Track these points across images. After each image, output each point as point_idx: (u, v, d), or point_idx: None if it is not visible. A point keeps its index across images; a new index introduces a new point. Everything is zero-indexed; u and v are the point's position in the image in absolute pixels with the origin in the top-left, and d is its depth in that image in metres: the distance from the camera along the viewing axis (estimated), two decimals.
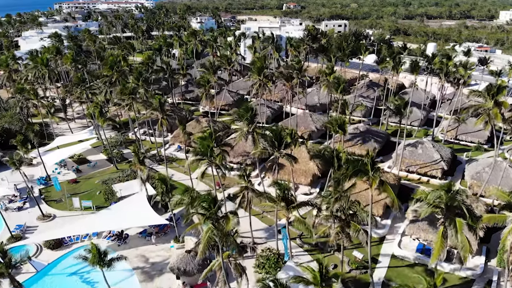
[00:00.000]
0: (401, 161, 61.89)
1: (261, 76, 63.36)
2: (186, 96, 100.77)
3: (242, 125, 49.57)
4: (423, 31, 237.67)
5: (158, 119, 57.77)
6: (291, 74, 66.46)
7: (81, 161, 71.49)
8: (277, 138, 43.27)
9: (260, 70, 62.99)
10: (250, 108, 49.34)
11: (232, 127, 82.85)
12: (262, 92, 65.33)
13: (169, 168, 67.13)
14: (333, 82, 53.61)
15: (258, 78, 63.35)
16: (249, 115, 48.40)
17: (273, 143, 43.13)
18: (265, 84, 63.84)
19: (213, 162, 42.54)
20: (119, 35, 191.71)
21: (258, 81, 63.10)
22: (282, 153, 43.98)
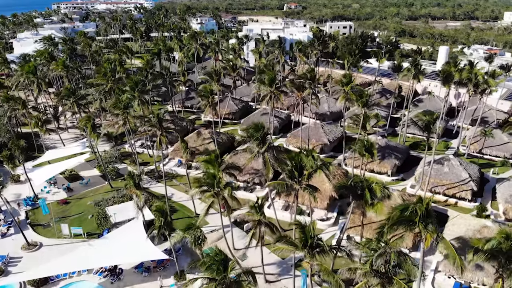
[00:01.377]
0: (426, 180, 55.88)
1: (273, 88, 57.33)
2: (186, 103, 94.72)
3: (253, 145, 43.60)
4: (429, 32, 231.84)
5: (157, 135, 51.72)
6: (303, 83, 60.53)
7: (73, 178, 65.46)
8: (298, 167, 37.12)
9: (271, 81, 56.99)
10: (261, 126, 43.35)
11: (236, 137, 77.30)
12: (273, 105, 59.25)
13: (169, 186, 61.14)
14: (355, 95, 47.65)
15: (269, 90, 57.36)
16: (260, 134, 42.41)
17: (292, 173, 36.88)
18: (277, 97, 57.91)
19: (220, 194, 36.48)
20: (117, 36, 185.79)
21: (269, 93, 57.15)
22: (303, 185, 37.82)
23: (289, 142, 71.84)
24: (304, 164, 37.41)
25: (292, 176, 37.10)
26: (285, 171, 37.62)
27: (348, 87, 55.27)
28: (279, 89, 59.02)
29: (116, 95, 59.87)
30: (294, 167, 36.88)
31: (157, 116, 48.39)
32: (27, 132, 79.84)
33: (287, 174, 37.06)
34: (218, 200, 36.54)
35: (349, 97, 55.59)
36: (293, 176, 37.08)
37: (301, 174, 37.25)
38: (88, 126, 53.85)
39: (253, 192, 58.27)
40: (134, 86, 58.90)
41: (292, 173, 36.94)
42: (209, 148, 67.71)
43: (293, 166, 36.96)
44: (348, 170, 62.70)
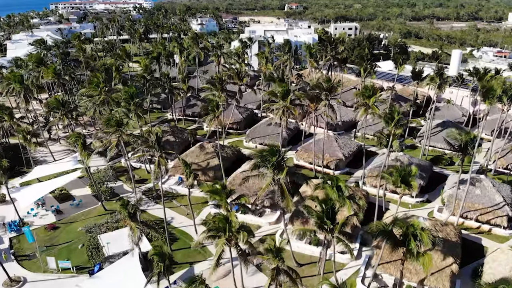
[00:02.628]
0: (458, 205, 50.00)
1: (287, 102, 51.24)
2: (187, 111, 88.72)
3: (267, 171, 37.66)
4: (436, 34, 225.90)
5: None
6: (318, 95, 54.64)
7: (63, 197, 59.44)
8: (330, 214, 30.67)
9: (285, 95, 50.93)
10: (276, 150, 37.42)
11: (241, 150, 71.38)
12: (286, 121, 53.17)
13: (168, 208, 55.23)
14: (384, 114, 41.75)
15: (282, 105, 51.22)
16: (276, 159, 36.50)
17: (323, 221, 30.32)
18: (291, 111, 51.87)
19: (233, 239, 30.43)
20: (115, 37, 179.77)
21: (282, 107, 51.06)
22: (336, 236, 31.45)
23: (299, 156, 65.92)
24: (337, 209, 31.14)
25: (322, 225, 30.67)
26: (312, 217, 31.47)
27: (371, 100, 49.31)
28: (293, 102, 52.96)
29: (110, 107, 54.08)
30: (326, 214, 30.66)
31: (155, 135, 42.51)
32: (15, 144, 73.86)
33: (316, 223, 30.84)
34: (230, 248, 30.53)
35: (373, 112, 49.72)
36: (323, 225, 30.63)
37: (334, 221, 30.89)
38: (79, 144, 47.91)
39: (262, 217, 52.40)
40: (130, 99, 52.90)
41: (322, 221, 30.62)
42: (212, 163, 61.85)
43: (325, 213, 30.67)
44: (368, 190, 56.89)
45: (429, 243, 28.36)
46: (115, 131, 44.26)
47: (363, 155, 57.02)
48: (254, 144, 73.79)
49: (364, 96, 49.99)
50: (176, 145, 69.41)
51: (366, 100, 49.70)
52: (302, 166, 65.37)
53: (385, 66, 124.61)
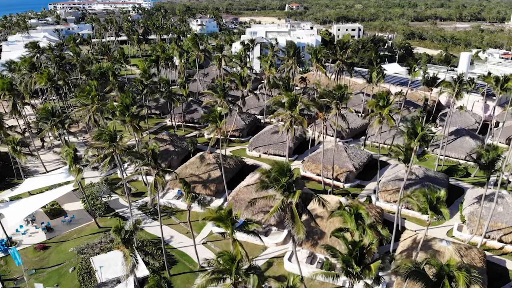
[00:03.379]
0: (481, 224, 46.22)
1: (295, 112, 47.26)
2: (187, 117, 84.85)
3: (276, 193, 33.84)
4: (440, 35, 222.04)
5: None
6: (328, 104, 50.80)
7: (54, 213, 55.56)
8: (357, 257, 26.34)
9: (292, 104, 46.96)
10: (287, 169, 33.56)
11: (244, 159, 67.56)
12: (293, 133, 49.13)
13: (166, 225, 51.47)
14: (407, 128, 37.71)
15: (289, 115, 47.18)
16: (286, 180, 32.66)
17: (349, 265, 25.98)
18: (300, 122, 47.88)
19: (240, 283, 26.42)
20: (114, 38, 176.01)
21: (289, 118, 47.07)
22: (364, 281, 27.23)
23: (306, 168, 62.06)
24: (366, 250, 27.02)
25: (348, 271, 26.35)
26: (338, 258, 27.40)
27: (385, 111, 45.44)
28: (302, 113, 49.00)
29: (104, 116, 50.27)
30: (354, 257, 26.53)
31: (151, 152, 38.68)
32: (5, 152, 69.97)
33: (343, 268, 26.74)
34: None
35: (387, 123, 45.89)
36: (349, 270, 26.31)
37: (361, 263, 26.61)
38: (69, 159, 44.00)
39: (268, 236, 48.54)
40: (125, 110, 49.02)
41: (348, 265, 26.35)
42: (214, 175, 57.99)
43: (352, 255, 26.46)
44: (382, 205, 53.10)
45: (464, 284, 24.57)
46: (110, 147, 40.36)
47: (378, 168, 53.07)
48: (257, 152, 69.97)
49: (378, 105, 46.10)
50: (175, 155, 65.64)
51: (380, 110, 45.82)
52: (309, 178, 61.57)
53: (391, 69, 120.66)
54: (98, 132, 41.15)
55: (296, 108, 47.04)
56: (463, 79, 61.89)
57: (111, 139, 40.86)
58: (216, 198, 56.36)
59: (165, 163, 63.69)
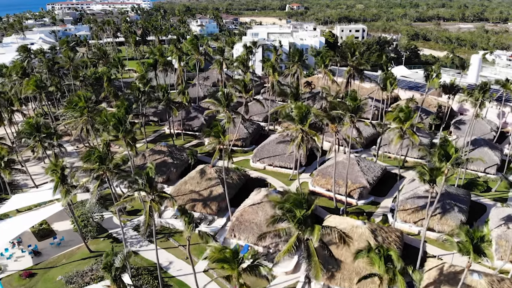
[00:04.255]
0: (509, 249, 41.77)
1: (305, 126, 42.54)
2: (187, 124, 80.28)
3: (291, 227, 29.37)
4: (445, 36, 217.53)
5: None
6: (341, 116, 46.23)
7: (43, 234, 51.11)
8: None
9: (303, 117, 42.20)
10: (303, 198, 29.08)
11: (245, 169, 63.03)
12: (305, 149, 44.35)
13: (164, 249, 46.98)
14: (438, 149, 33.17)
15: (300, 129, 42.46)
16: (303, 214, 28.16)
17: None
18: (312, 137, 43.16)
19: None
20: (111, 40, 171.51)
21: (300, 133, 42.36)
22: None
23: (315, 182, 57.54)
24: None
25: None
26: None
27: (407, 125, 40.85)
28: (313, 126, 44.23)
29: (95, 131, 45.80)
30: None
31: (146, 175, 34.17)
32: None
33: None
34: None
35: (410, 138, 41.41)
36: None
37: None
38: (55, 179, 39.48)
39: None
40: (118, 125, 44.42)
41: None
42: (216, 192, 53.44)
43: None
44: (400, 226, 48.59)
45: None
46: (99, 169, 35.76)
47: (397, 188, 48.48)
48: (262, 164, 65.48)
49: (399, 119, 41.53)
50: (174, 167, 61.15)
51: (401, 125, 41.29)
52: (318, 193, 57.05)
53: (398, 72, 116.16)
54: (87, 154, 36.56)
55: (307, 122, 42.40)
56: (488, 88, 57.04)
57: (101, 160, 36.31)
58: (218, 217, 51.84)
59: (163, 177, 59.36)
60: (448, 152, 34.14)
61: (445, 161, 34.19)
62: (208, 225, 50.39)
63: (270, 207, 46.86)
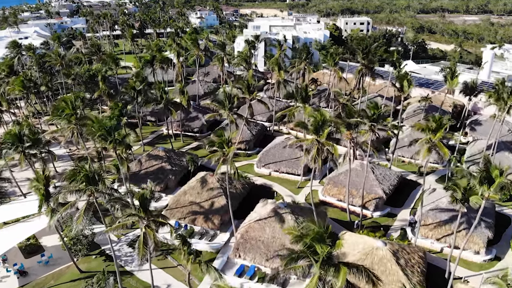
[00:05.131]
0: None
1: (322, 137, 37.69)
2: (186, 125, 75.68)
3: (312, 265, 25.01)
4: (451, 29, 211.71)
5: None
6: (358, 123, 41.45)
7: (30, 250, 46.84)
8: None
9: (320, 126, 37.33)
10: (324, 233, 24.67)
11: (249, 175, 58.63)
12: (321, 163, 39.40)
13: (162, 269, 42.71)
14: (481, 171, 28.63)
15: (315, 140, 37.66)
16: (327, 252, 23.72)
17: None
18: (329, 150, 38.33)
19: None
20: (108, 33, 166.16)
21: (316, 144, 37.58)
22: None
23: (327, 192, 53.12)
24: None
25: None
26: None
27: (437, 136, 36.27)
28: (331, 137, 39.31)
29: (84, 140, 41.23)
30: None
31: (139, 198, 29.69)
32: None
33: None
34: None
35: (439, 151, 36.94)
36: None
37: None
38: (39, 196, 34.98)
39: (286, 286, 39.68)
40: (107, 135, 39.55)
41: None
42: (218, 203, 49.02)
43: None
44: (421, 243, 44.29)
45: None
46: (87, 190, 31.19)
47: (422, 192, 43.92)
48: (267, 170, 61.04)
49: (428, 129, 36.90)
50: (173, 174, 56.68)
51: (430, 136, 36.71)
52: (329, 203, 52.72)
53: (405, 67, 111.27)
54: (71, 173, 31.92)
55: (324, 132, 37.68)
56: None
57: (89, 180, 31.66)
58: (221, 231, 47.46)
59: (160, 185, 54.95)
60: (491, 175, 29.66)
61: (486, 185, 29.74)
62: (210, 241, 46.15)
63: (279, 223, 42.61)
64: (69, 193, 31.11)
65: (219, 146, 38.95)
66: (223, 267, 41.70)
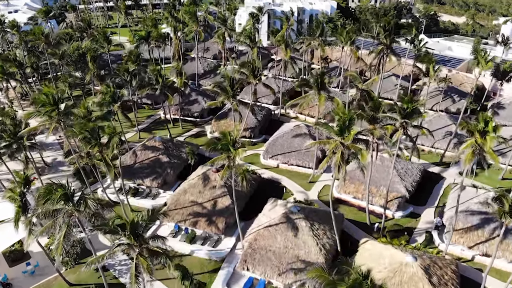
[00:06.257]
0: None
1: (347, 140, 31.56)
2: (186, 109, 69.75)
3: None
4: (462, 0, 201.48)
5: None
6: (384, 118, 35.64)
7: (15, 257, 42.13)
8: None
9: (344, 128, 31.30)
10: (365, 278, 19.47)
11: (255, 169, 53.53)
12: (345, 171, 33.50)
13: (159, 280, 38.01)
14: None
15: (339, 143, 31.69)
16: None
17: None
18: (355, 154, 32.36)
19: None
20: (102, 5, 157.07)
21: (339, 147, 31.66)
22: None
23: (342, 189, 47.87)
24: None
25: None
26: None
27: (489, 143, 30.16)
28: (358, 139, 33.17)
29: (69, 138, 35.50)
30: None
31: (130, 224, 24.51)
32: None
33: None
34: None
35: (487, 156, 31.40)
36: None
37: None
38: (15, 208, 29.66)
39: None
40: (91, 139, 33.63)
41: None
42: (221, 204, 43.97)
43: None
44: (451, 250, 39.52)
45: None
46: (64, 212, 25.64)
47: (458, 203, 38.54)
48: (275, 161, 55.74)
49: (476, 129, 30.95)
50: (171, 168, 51.36)
51: (478, 138, 31.01)
52: (345, 201, 47.72)
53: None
54: (46, 190, 26.23)
55: (350, 134, 31.73)
56: None
57: (68, 199, 26.03)
58: (226, 235, 42.59)
59: (157, 181, 49.75)
60: None
61: None
62: (214, 247, 41.41)
63: (292, 231, 37.73)
64: (44, 215, 25.85)
65: (223, 147, 33.43)
66: (229, 280, 37.09)
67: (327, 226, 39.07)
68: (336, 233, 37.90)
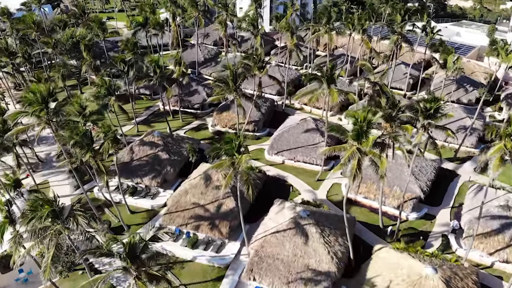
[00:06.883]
0: None
1: (366, 145, 28.54)
2: (186, 100, 66.68)
3: None
4: None
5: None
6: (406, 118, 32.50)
7: (6, 263, 39.34)
8: None
9: (362, 132, 28.25)
10: None
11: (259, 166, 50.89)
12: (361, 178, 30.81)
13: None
14: None
15: (356, 148, 28.66)
16: None
17: None
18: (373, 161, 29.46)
19: None
20: None
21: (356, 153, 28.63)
22: None
23: (354, 189, 44.83)
24: None
25: None
26: None
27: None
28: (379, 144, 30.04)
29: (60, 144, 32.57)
30: None
31: (127, 246, 21.96)
32: None
33: None
34: None
35: None
36: None
37: None
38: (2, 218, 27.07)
39: None
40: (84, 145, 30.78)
41: None
42: (226, 206, 41.40)
43: None
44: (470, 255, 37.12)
45: None
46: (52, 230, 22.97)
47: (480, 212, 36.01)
48: (280, 157, 52.97)
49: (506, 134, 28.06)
50: (171, 165, 48.63)
51: (506, 142, 28.19)
52: (355, 201, 45.13)
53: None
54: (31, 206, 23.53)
55: (369, 140, 28.64)
56: None
57: (55, 215, 23.31)
58: (230, 240, 40.17)
59: (157, 179, 47.09)
60: None
61: None
62: (217, 252, 39.04)
63: (301, 237, 35.27)
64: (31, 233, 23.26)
65: (226, 151, 30.58)
66: None
67: (339, 231, 36.59)
68: (349, 239, 35.41)
